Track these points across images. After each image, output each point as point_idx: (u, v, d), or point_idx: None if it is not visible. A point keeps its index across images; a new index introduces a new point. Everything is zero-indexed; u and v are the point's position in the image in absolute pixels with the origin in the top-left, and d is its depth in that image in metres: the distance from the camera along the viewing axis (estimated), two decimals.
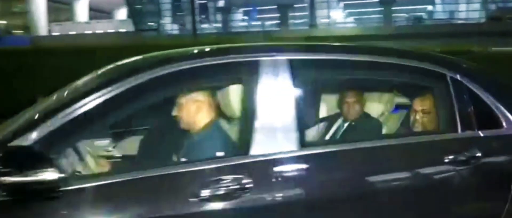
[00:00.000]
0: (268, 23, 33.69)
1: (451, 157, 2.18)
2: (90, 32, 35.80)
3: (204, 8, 33.46)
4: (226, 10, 34.47)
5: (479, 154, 2.21)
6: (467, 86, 2.33)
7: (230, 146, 2.24)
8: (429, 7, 31.95)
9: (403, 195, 2.15)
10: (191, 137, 2.45)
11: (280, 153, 2.03)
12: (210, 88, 2.41)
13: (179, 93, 2.37)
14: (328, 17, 31.91)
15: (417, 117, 2.75)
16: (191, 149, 2.39)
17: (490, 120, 2.30)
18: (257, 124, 2.05)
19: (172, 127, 2.53)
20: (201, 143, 2.38)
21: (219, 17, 34.98)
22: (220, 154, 2.21)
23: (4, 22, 44.97)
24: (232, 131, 2.38)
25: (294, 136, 2.06)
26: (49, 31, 37.72)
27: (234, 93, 2.30)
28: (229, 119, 2.51)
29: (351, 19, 33.05)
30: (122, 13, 42.60)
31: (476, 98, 2.31)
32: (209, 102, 2.43)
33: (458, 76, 2.35)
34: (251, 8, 33.99)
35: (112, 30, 36.51)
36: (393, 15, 30.33)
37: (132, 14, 36.82)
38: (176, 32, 34.08)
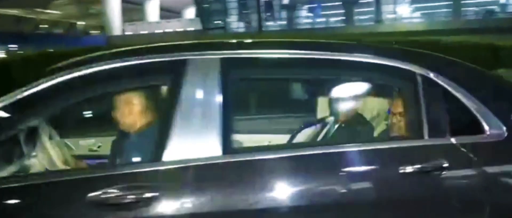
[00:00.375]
0: (332, 19, 33.74)
1: (408, 167, 1.89)
2: (160, 31, 37.34)
3: (269, 5, 33.96)
4: (291, 7, 34.79)
5: (445, 164, 1.91)
6: (441, 85, 2.04)
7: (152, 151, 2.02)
8: None
9: (337, 211, 1.89)
10: (129, 139, 2.39)
11: (196, 160, 1.85)
12: (144, 89, 2.29)
13: (106, 93, 2.25)
14: (394, 12, 31.43)
15: (394, 120, 2.50)
16: (126, 151, 2.35)
17: (469, 124, 2.01)
18: (175, 128, 1.88)
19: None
20: (132, 146, 2.31)
21: (284, 14, 35.37)
22: (137, 159, 2.14)
23: (83, 23, 47.89)
24: None
25: (216, 141, 1.87)
26: (123, 30, 39.58)
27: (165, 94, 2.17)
28: None
29: (418, 14, 32.38)
30: (190, 13, 44.04)
31: (453, 99, 2.02)
32: (144, 103, 2.33)
33: (430, 75, 2.07)
34: (315, 5, 34.11)
35: (181, 29, 37.84)
36: (463, 8, 29.40)
37: (199, 13, 38.02)
38: (242, 30, 34.84)
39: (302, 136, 3.07)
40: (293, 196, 1.85)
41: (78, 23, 48.18)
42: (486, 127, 1.99)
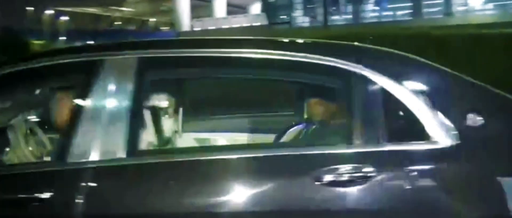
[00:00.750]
0: (400, 12, 33.25)
1: (326, 175, 1.72)
2: (227, 26, 38.26)
3: None
4: (357, 1, 34.60)
5: (371, 174, 1.71)
6: (379, 85, 1.83)
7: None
8: None
9: None
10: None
11: (95, 162, 1.80)
12: (68, 89, 2.24)
13: (29, 93, 2.29)
14: (465, 4, 30.50)
15: (334, 124, 2.33)
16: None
17: (411, 130, 1.79)
18: (82, 128, 1.84)
19: None
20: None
21: (349, 8, 35.26)
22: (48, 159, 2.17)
23: (154, 20, 50.14)
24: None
25: (120, 143, 1.81)
26: (191, 26, 40.95)
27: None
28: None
29: (490, 5, 31.19)
30: (256, 8, 44.81)
31: (393, 101, 1.81)
32: (68, 103, 2.22)
33: (367, 72, 1.85)
34: None
35: (247, 24, 38.56)
36: None
37: (265, 8, 38.68)
38: (307, 24, 35.11)
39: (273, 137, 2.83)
40: (192, 201, 1.75)
41: (150, 20, 50.52)
42: (431, 133, 1.77)
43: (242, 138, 3.00)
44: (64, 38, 37.79)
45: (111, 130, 1.83)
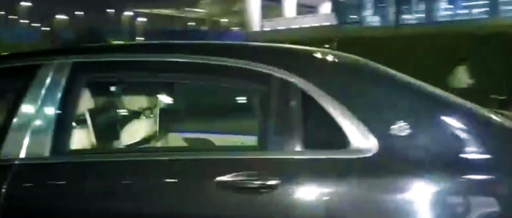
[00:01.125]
0: (475, 10, 32.23)
1: (232, 181, 1.66)
2: (297, 26, 38.69)
3: None
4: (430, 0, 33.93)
5: (274, 182, 1.63)
6: (301, 90, 1.77)
7: None
8: None
9: None
10: None
11: (20, 159, 1.85)
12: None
13: None
14: None
15: None
16: None
17: (332, 137, 1.71)
18: (12, 127, 1.92)
19: None
20: None
21: (422, 6, 34.62)
22: None
23: (226, 20, 51.73)
24: None
25: (46, 142, 1.87)
26: (262, 27, 41.87)
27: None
28: None
29: None
30: (326, 7, 45.02)
31: (314, 107, 1.74)
32: None
33: (289, 77, 1.79)
34: None
35: (317, 24, 38.84)
36: None
37: (335, 8, 38.80)
38: (377, 24, 34.87)
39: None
40: (103, 201, 1.78)
41: (222, 20, 52.16)
42: (352, 140, 1.68)
43: (170, 140, 2.96)
44: (142, 38, 39.78)
45: (39, 130, 1.90)
